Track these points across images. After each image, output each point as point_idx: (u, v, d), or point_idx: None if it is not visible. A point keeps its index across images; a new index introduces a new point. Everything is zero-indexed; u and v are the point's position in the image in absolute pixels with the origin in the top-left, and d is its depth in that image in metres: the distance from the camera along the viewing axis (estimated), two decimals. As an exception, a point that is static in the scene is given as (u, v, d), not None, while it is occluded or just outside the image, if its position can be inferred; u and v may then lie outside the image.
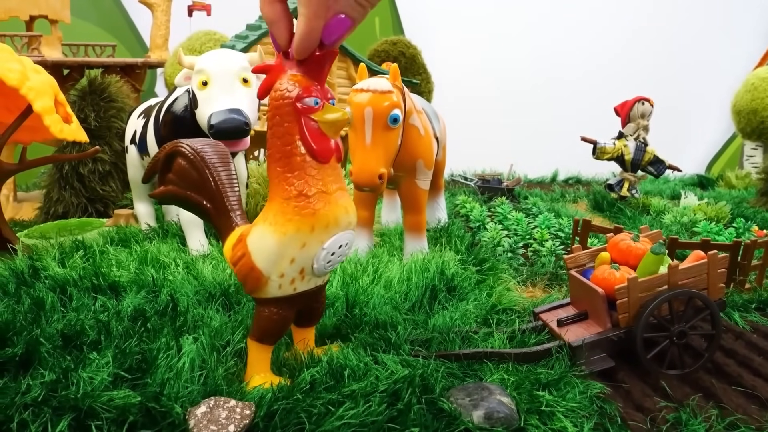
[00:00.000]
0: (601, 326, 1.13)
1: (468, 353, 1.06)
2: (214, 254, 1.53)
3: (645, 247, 1.19)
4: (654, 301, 1.06)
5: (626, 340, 1.09)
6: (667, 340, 1.08)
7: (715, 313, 1.10)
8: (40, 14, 2.67)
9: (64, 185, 2.15)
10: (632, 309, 1.08)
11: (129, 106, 2.23)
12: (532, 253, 1.73)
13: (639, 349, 1.06)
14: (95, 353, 0.95)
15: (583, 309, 1.20)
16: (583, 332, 1.12)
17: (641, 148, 2.45)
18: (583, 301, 1.21)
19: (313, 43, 0.79)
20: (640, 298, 1.09)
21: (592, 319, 1.17)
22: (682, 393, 1.01)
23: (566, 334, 1.11)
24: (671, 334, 1.08)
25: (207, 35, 2.70)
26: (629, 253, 1.20)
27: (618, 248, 1.22)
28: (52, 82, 1.54)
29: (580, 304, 1.22)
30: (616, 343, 1.09)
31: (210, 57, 1.52)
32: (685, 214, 2.17)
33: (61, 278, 1.27)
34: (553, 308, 1.26)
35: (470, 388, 0.93)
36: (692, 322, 1.09)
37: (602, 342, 1.09)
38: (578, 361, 1.06)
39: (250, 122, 1.44)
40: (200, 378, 0.93)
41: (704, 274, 1.12)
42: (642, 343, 1.06)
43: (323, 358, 0.97)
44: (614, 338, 1.09)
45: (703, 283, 1.12)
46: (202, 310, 1.18)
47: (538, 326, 1.20)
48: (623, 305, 1.08)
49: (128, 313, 1.12)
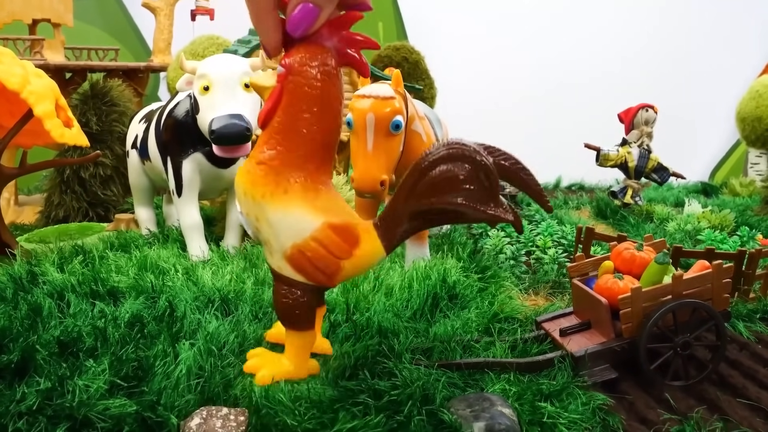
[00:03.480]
0: (604, 336, 1.11)
1: (469, 363, 1.04)
2: (215, 260, 1.52)
3: (649, 257, 1.18)
4: (658, 312, 1.05)
5: (629, 351, 1.07)
6: (671, 350, 1.07)
7: (719, 324, 1.08)
8: (43, 18, 2.67)
9: (65, 189, 2.14)
10: (636, 319, 1.07)
11: (131, 110, 2.22)
12: (535, 261, 1.72)
13: (642, 360, 1.05)
14: (91, 360, 0.94)
15: (587, 318, 1.19)
16: (586, 342, 1.11)
17: (645, 155, 2.44)
18: (586, 310, 1.19)
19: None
20: (643, 308, 1.07)
21: (595, 328, 1.16)
22: (686, 405, 1.00)
23: (569, 344, 1.10)
24: (675, 344, 1.06)
25: (210, 39, 2.70)
26: (633, 262, 1.18)
27: (621, 257, 1.20)
28: (53, 86, 1.53)
29: (583, 314, 1.21)
30: (619, 353, 1.08)
31: (212, 62, 1.51)
32: (689, 222, 2.15)
33: (60, 284, 1.26)
34: (555, 317, 1.25)
35: (471, 398, 0.92)
36: (696, 332, 1.08)
37: (605, 352, 1.08)
38: (581, 371, 1.05)
39: (251, 128, 1.43)
40: (197, 386, 0.92)
41: (709, 284, 1.10)
42: (645, 353, 1.05)
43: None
44: (617, 348, 1.08)
45: (707, 293, 1.10)
46: (200, 316, 1.17)
47: (541, 335, 1.18)
48: (627, 315, 1.07)
49: (125, 320, 1.11)
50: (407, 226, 0.90)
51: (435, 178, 0.85)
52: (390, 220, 0.90)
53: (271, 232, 0.89)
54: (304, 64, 0.84)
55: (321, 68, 0.84)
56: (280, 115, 0.86)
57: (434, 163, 0.85)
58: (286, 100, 0.86)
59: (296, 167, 0.87)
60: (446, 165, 0.84)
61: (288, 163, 0.87)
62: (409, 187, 0.87)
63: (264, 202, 0.87)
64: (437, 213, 0.88)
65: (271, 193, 0.87)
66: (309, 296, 0.92)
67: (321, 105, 0.86)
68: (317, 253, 0.88)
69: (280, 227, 0.88)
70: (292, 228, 0.88)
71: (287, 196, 0.87)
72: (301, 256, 0.88)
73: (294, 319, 0.93)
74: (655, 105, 2.46)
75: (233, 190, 1.70)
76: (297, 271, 0.90)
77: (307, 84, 0.84)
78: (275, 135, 0.87)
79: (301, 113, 0.85)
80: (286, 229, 0.88)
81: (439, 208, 0.87)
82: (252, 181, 0.88)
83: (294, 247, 0.88)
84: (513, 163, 0.88)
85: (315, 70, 0.84)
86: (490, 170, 0.84)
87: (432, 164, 0.85)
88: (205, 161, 1.61)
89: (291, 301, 0.91)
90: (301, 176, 0.88)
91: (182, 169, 1.60)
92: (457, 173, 0.84)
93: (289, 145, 0.87)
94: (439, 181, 0.85)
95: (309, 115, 0.85)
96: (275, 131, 0.87)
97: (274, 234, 0.88)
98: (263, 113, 0.88)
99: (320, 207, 0.89)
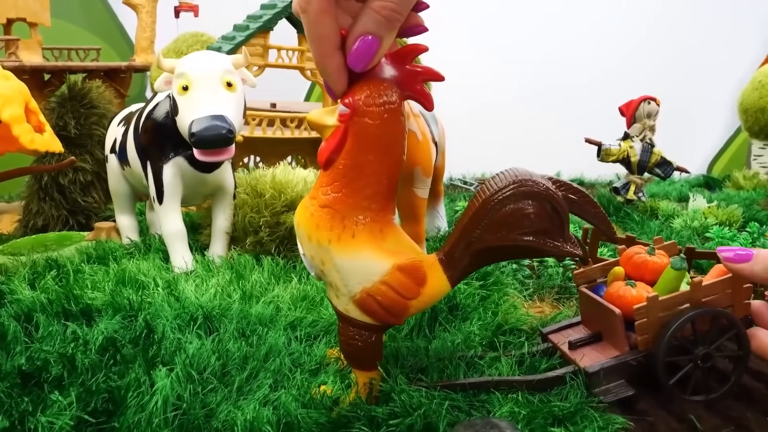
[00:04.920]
0: (618, 349, 1.03)
1: (474, 383, 0.96)
2: (199, 271, 1.43)
3: (662, 261, 1.10)
4: (677, 321, 0.97)
5: (646, 365, 0.99)
6: (691, 363, 0.98)
7: (741, 333, 1.00)
8: (18, 17, 2.55)
9: (43, 197, 2.04)
10: (653, 330, 0.99)
11: (111, 112, 2.11)
12: (538, 264, 1.63)
13: (660, 374, 0.97)
14: (57, 393, 0.85)
15: (596, 329, 1.10)
16: (597, 355, 1.03)
17: (648, 149, 2.35)
18: (596, 321, 1.11)
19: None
20: (660, 318, 0.99)
21: (606, 340, 1.08)
22: (711, 425, 0.92)
23: (581, 360, 1.01)
24: (695, 357, 0.98)
25: (194, 37, 2.59)
26: (645, 267, 1.10)
27: (633, 262, 1.12)
28: (23, 89, 1.43)
29: (592, 324, 1.13)
30: (635, 367, 1.00)
31: (191, 60, 1.42)
32: (696, 218, 2.07)
33: (29, 303, 1.17)
34: (562, 328, 1.16)
35: (478, 424, 0.84)
36: (717, 343, 0.99)
37: (621, 367, 1.00)
38: (595, 388, 0.96)
39: (234, 129, 1.34)
40: (174, 419, 0.83)
41: (729, 290, 1.02)
42: (664, 367, 0.97)
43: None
44: (633, 362, 1.00)
45: (727, 299, 1.02)
46: (180, 335, 1.08)
47: (549, 349, 1.10)
48: (643, 326, 0.99)
49: (98, 343, 1.02)
50: (472, 260, 0.87)
51: (505, 215, 0.83)
52: (455, 255, 0.87)
53: (338, 277, 0.86)
54: (370, 104, 0.80)
55: (386, 106, 0.81)
56: (346, 158, 0.82)
57: (504, 201, 0.82)
58: (351, 142, 0.82)
59: (362, 209, 0.84)
60: (517, 203, 0.82)
61: (354, 206, 0.84)
62: (477, 224, 0.84)
63: (331, 247, 0.84)
64: (505, 250, 0.86)
65: (338, 238, 0.84)
66: (377, 336, 0.90)
67: (387, 145, 0.83)
68: (387, 296, 0.85)
69: (349, 272, 0.85)
70: (362, 273, 0.85)
71: (355, 240, 0.84)
72: (371, 299, 0.85)
73: (362, 360, 0.92)
74: (657, 97, 2.38)
75: (219, 195, 1.62)
76: (366, 314, 0.87)
77: (374, 124, 0.81)
78: (340, 178, 0.83)
79: (367, 155, 0.82)
80: (354, 274, 0.85)
81: (508, 246, 0.84)
82: (317, 225, 0.85)
83: (363, 291, 0.85)
84: (581, 196, 0.88)
85: (380, 108, 0.80)
86: (561, 207, 0.83)
87: (502, 202, 0.82)
88: (188, 166, 1.51)
89: (360, 342, 0.89)
90: (368, 218, 0.85)
91: (163, 175, 1.51)
92: (529, 211, 0.82)
93: (354, 188, 0.83)
94: (510, 218, 0.82)
95: (374, 156, 0.82)
96: (340, 174, 0.83)
97: (342, 278, 0.85)
98: (325, 153, 0.84)
99: (388, 249, 0.86)
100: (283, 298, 1.28)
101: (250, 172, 1.72)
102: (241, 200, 1.61)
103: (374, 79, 0.81)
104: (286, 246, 1.56)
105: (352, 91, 0.81)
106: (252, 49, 2.07)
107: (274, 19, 2.14)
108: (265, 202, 1.56)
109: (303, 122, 2.29)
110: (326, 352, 1.07)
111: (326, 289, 0.93)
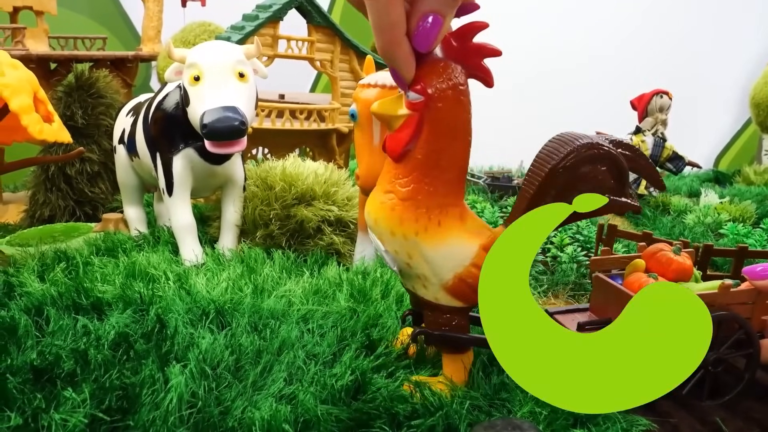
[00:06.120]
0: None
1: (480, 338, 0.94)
2: (209, 264, 1.41)
3: (686, 262, 1.08)
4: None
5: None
6: (702, 369, 0.96)
7: (750, 333, 0.98)
8: (24, 5, 2.53)
9: (50, 187, 2.02)
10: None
11: (119, 102, 2.09)
12: (551, 260, 1.61)
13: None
14: (70, 389, 0.83)
15: (608, 316, 1.08)
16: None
17: (659, 143, 2.33)
18: (609, 307, 1.09)
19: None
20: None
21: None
22: (734, 427, 0.90)
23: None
24: (706, 362, 0.96)
25: (201, 26, 2.56)
26: (668, 266, 1.08)
27: (656, 258, 1.10)
28: (31, 78, 1.41)
29: (603, 311, 1.11)
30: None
31: (202, 50, 1.39)
32: (708, 214, 2.05)
33: (39, 296, 1.15)
34: (569, 311, 1.15)
35: (498, 425, 0.82)
36: (725, 345, 0.98)
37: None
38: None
39: (246, 121, 1.31)
40: (190, 417, 0.82)
41: (751, 302, 1.01)
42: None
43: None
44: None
45: (747, 312, 1.01)
46: (192, 330, 1.06)
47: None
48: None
49: (110, 339, 1.00)
50: None
51: (576, 180, 0.83)
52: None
53: (428, 267, 0.86)
54: (444, 88, 0.79)
55: (458, 88, 0.80)
56: (424, 148, 0.82)
57: (577, 164, 0.83)
58: (428, 131, 0.81)
59: (443, 195, 0.84)
60: (589, 166, 0.83)
61: (435, 194, 0.83)
62: (546, 192, 0.83)
63: (418, 239, 0.84)
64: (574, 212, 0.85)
65: (425, 229, 0.84)
66: (466, 318, 0.91)
67: (462, 128, 0.82)
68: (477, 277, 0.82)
69: (440, 261, 0.85)
70: (453, 259, 0.85)
71: (441, 228, 0.84)
72: (463, 283, 0.86)
73: (456, 343, 0.92)
74: (669, 91, 2.35)
75: (229, 186, 1.59)
76: (456, 298, 0.88)
77: (449, 109, 0.80)
78: (420, 167, 0.83)
79: (445, 141, 0.81)
80: (446, 262, 0.85)
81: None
82: (400, 219, 0.84)
83: (455, 277, 0.86)
84: (633, 151, 0.88)
85: (453, 91, 0.79)
86: (624, 167, 0.85)
87: (574, 165, 0.82)
88: (198, 157, 1.49)
89: (452, 327, 0.90)
90: (447, 203, 0.85)
91: (173, 166, 1.49)
92: (597, 173, 0.84)
93: (434, 176, 0.83)
94: (580, 182, 0.83)
95: (451, 141, 0.82)
96: (419, 164, 0.82)
97: (432, 268, 0.86)
98: (401, 144, 0.82)
99: (471, 230, 0.86)
100: (295, 292, 1.26)
101: (258, 164, 1.70)
102: (251, 192, 1.59)
103: (439, 61, 0.79)
104: (296, 239, 1.54)
105: (421, 77, 0.79)
106: (261, 39, 2.04)
107: (284, 9, 2.11)
108: (275, 195, 1.54)
109: (312, 113, 2.26)
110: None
111: (406, 281, 0.92)
